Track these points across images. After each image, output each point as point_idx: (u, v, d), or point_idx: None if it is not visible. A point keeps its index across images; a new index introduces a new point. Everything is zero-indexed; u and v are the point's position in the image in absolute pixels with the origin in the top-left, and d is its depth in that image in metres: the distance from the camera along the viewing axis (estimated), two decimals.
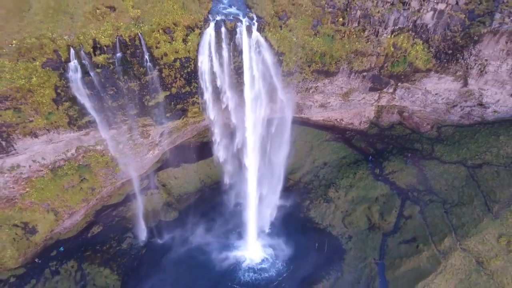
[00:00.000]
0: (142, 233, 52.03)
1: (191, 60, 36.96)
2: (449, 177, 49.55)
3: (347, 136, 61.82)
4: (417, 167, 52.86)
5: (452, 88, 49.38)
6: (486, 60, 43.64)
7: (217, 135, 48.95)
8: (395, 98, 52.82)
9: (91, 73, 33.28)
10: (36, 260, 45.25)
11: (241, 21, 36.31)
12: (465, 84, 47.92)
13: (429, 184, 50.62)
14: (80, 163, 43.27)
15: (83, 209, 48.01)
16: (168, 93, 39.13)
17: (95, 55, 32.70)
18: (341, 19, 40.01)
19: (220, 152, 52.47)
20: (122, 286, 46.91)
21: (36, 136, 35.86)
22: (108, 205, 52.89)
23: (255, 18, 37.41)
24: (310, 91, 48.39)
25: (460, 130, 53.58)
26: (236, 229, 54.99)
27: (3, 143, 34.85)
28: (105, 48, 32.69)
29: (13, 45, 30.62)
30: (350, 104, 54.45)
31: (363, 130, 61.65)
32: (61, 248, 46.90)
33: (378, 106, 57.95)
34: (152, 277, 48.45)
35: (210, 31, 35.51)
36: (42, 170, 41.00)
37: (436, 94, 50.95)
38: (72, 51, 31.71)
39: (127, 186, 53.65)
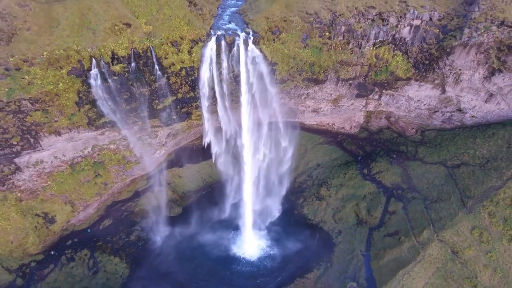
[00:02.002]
0: (159, 225, 57.16)
1: (195, 69, 42.20)
2: (430, 176, 53.88)
3: (339, 139, 66.55)
4: (401, 167, 57.31)
5: (432, 95, 54.08)
6: (459, 69, 48.42)
7: (214, 140, 53.75)
8: (381, 104, 57.58)
9: (109, 80, 38.59)
10: (52, 252, 49.88)
11: (239, 36, 41.62)
12: (443, 91, 52.63)
13: (412, 182, 54.96)
14: (95, 160, 48.41)
15: (96, 202, 52.95)
16: (174, 98, 44.34)
17: (113, 64, 38.02)
18: (327, 34, 45.20)
19: (217, 155, 57.33)
20: (130, 273, 51.40)
21: (59, 134, 41.12)
22: (117, 200, 57.82)
23: (251, 32, 42.76)
24: (302, 97, 53.37)
25: (441, 133, 58.08)
26: (235, 225, 59.46)
27: (31, 140, 40.15)
28: (121, 58, 38.04)
29: (44, 56, 36.07)
30: (340, 110, 59.33)
31: (354, 134, 66.40)
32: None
33: (367, 111, 62.83)
34: (156, 266, 52.85)
35: (211, 44, 40.78)
36: (62, 166, 46.18)
37: (418, 100, 55.65)
38: (93, 61, 37.04)
39: (135, 184, 58.74)
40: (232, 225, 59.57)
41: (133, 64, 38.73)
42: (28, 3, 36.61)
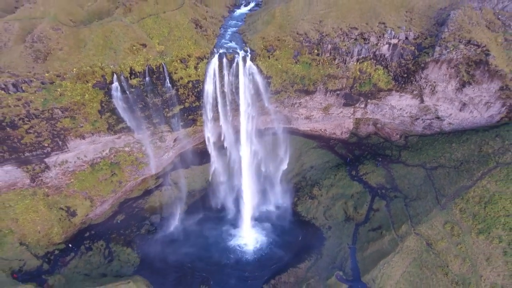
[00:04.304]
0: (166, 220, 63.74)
1: (200, 82, 48.77)
2: (411, 177, 59.60)
3: (331, 144, 72.66)
4: (386, 169, 63.17)
5: (412, 104, 60.10)
6: (434, 82, 54.51)
7: (213, 144, 59.93)
8: (367, 112, 63.70)
9: (127, 92, 45.24)
10: (70, 245, 55.96)
11: (238, 53, 48.16)
12: (422, 101, 58.67)
13: (395, 183, 60.74)
14: (112, 160, 54.93)
15: (111, 199, 59.37)
16: (182, 106, 50.91)
17: (131, 78, 44.69)
18: (316, 51, 51.65)
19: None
20: (140, 262, 57.38)
21: (83, 138, 47.79)
22: (129, 198, 64.23)
23: (249, 50, 49.29)
24: (295, 106, 59.68)
25: (422, 139, 63.94)
26: (235, 220, 65.49)
27: (60, 142, 46.83)
28: (138, 73, 44.71)
29: (74, 72, 42.82)
30: (330, 117, 65.50)
31: (344, 139, 72.48)
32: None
33: (356, 118, 68.94)
34: (164, 257, 58.56)
35: (215, 61, 47.34)
36: (84, 165, 52.75)
37: (400, 109, 61.69)
38: (115, 76, 43.72)
39: (145, 183, 65.19)
40: (232, 220, 65.55)
41: (148, 78, 45.38)
42: (60, 27, 43.64)
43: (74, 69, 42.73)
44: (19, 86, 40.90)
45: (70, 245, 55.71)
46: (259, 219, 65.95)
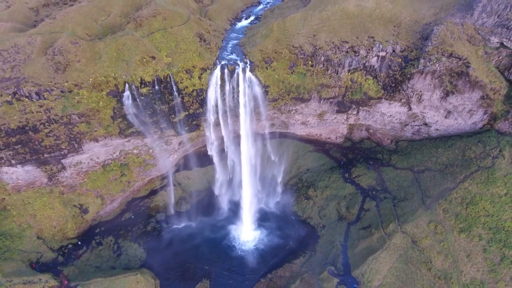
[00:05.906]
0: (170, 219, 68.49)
1: (203, 90, 53.27)
2: (400, 180, 63.60)
3: (326, 148, 76.84)
4: (376, 172, 67.26)
5: (401, 111, 64.28)
6: (420, 91, 58.68)
7: (214, 147, 64.43)
8: (359, 118, 67.96)
9: (138, 99, 49.83)
10: (79, 242, 60.18)
11: (238, 65, 52.69)
12: (410, 108, 62.87)
13: (385, 185, 64.77)
14: (122, 162, 59.42)
15: (120, 198, 63.82)
16: (187, 113, 55.39)
17: (141, 87, 49.27)
18: (310, 62, 56.09)
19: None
20: (147, 257, 61.60)
21: (97, 141, 52.37)
22: (136, 197, 68.66)
23: (248, 62, 53.82)
24: (292, 112, 64.06)
25: (412, 143, 67.99)
26: (235, 219, 69.66)
27: (76, 145, 51.45)
28: (147, 83, 49.28)
29: (90, 81, 47.44)
30: (325, 123, 69.81)
31: (339, 144, 76.65)
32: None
33: (349, 124, 73.17)
34: (168, 252, 62.69)
35: (217, 72, 51.85)
36: (96, 166, 57.30)
37: (390, 115, 65.88)
38: (126, 85, 48.31)
39: (151, 183, 69.61)
40: (232, 220, 69.71)
41: (156, 87, 49.97)
42: (78, 41, 48.38)
43: (90, 79, 47.31)
44: (41, 94, 45.59)
45: (79, 243, 59.96)
46: (258, 219, 69.94)
